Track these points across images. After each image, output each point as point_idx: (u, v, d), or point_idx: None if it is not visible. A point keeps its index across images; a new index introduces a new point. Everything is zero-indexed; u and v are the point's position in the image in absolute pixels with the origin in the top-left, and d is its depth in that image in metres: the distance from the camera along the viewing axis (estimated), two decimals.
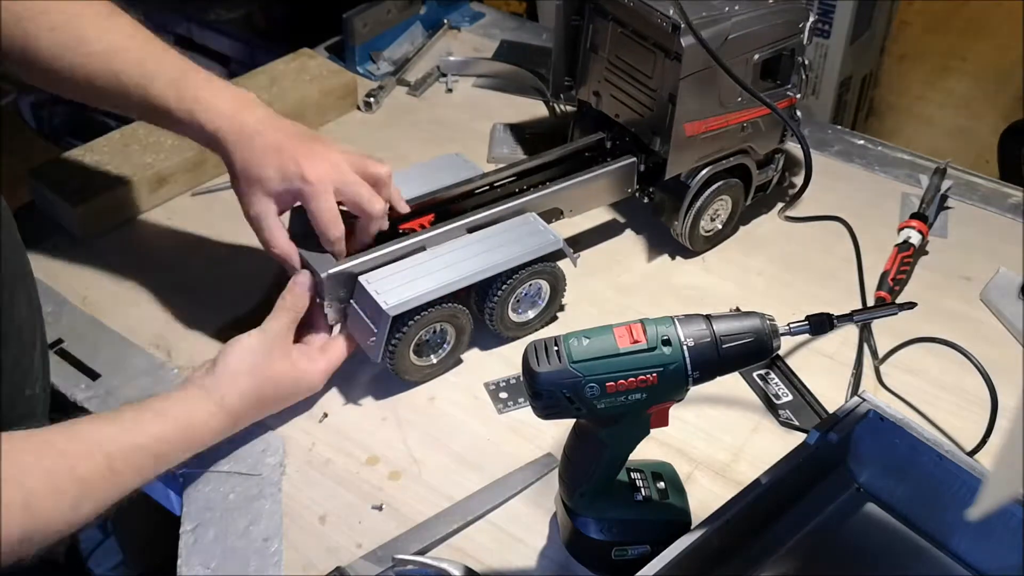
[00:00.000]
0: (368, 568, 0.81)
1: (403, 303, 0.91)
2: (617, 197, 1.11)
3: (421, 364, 0.97)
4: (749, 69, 1.03)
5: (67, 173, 1.14)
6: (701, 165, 1.07)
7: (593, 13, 1.09)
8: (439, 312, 0.94)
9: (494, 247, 0.97)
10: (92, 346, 1.00)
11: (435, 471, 0.90)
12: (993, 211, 1.21)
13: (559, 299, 1.03)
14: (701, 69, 1.00)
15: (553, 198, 1.04)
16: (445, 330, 0.97)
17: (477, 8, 1.56)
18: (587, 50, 1.12)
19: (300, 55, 1.37)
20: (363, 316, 0.93)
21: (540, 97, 1.37)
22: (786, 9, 1.04)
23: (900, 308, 0.82)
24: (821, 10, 1.87)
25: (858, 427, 0.82)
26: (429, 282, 0.93)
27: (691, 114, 1.02)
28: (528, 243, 0.98)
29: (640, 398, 0.72)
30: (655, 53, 1.02)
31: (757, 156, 1.11)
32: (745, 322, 0.73)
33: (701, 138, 1.04)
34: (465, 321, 0.97)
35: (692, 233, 1.10)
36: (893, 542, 0.82)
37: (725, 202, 1.11)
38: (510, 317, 1.00)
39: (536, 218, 1.02)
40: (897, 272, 1.07)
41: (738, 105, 1.05)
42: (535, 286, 1.01)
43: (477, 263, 0.96)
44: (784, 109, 1.08)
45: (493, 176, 1.07)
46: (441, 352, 0.98)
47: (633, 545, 0.80)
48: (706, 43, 0.97)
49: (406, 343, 0.93)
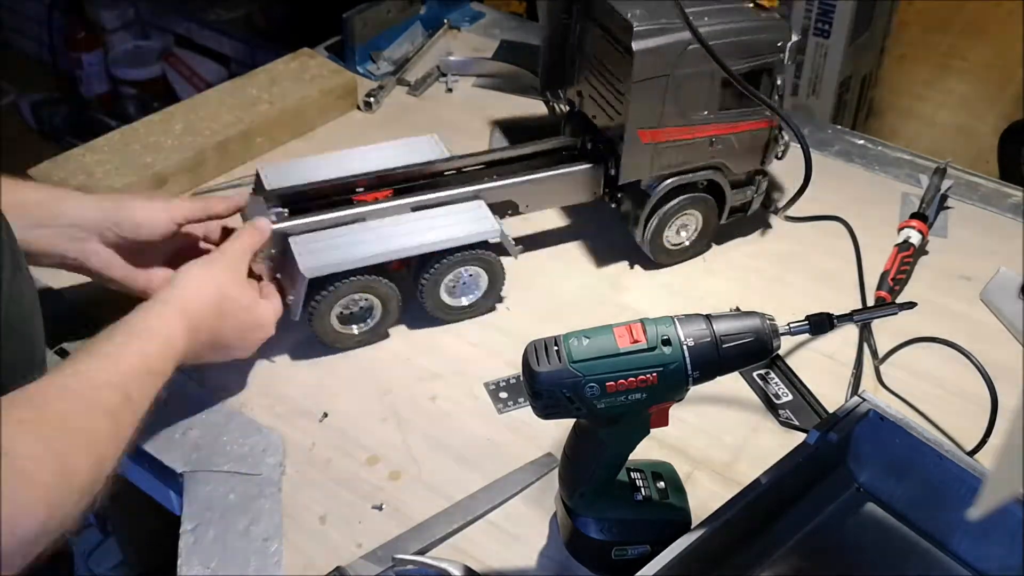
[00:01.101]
0: (368, 568, 0.81)
1: (321, 267, 0.95)
2: (582, 199, 1.11)
3: (342, 332, 1.00)
4: (716, 83, 1.01)
5: (67, 173, 1.14)
6: (666, 176, 1.06)
7: (579, 12, 1.09)
8: (360, 282, 0.96)
9: (430, 228, 1.00)
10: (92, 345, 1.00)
11: (435, 471, 0.90)
12: (993, 211, 1.21)
13: (497, 290, 1.05)
14: (658, 75, 0.98)
15: (507, 191, 1.06)
16: (371, 303, 0.99)
17: (477, 8, 1.56)
18: (574, 49, 1.11)
19: (300, 55, 1.37)
20: (288, 274, 0.97)
21: (540, 97, 1.36)
22: (767, 26, 1.01)
23: (900, 308, 0.82)
24: (821, 10, 1.87)
25: (858, 427, 0.82)
26: (354, 251, 0.97)
27: (645, 120, 1.01)
28: (465, 228, 1.00)
29: (640, 398, 0.72)
30: (623, 55, 1.00)
31: (732, 175, 1.09)
32: (745, 322, 0.73)
33: (661, 147, 1.03)
34: (390, 295, 0.99)
35: (654, 244, 1.09)
36: (893, 542, 0.82)
37: (694, 217, 1.09)
38: (442, 299, 1.02)
39: (482, 206, 1.03)
40: (897, 272, 1.07)
41: (704, 119, 1.03)
42: (473, 273, 1.02)
43: (407, 240, 0.99)
44: (763, 130, 1.06)
45: (460, 161, 1.08)
46: (364, 325, 1.00)
47: (633, 545, 0.80)
48: (706, 42, 0.96)
49: (326, 306, 0.96)
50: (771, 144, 1.08)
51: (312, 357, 1.01)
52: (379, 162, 1.07)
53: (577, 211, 1.16)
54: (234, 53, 2.43)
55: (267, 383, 0.98)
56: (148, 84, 2.62)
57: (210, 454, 0.90)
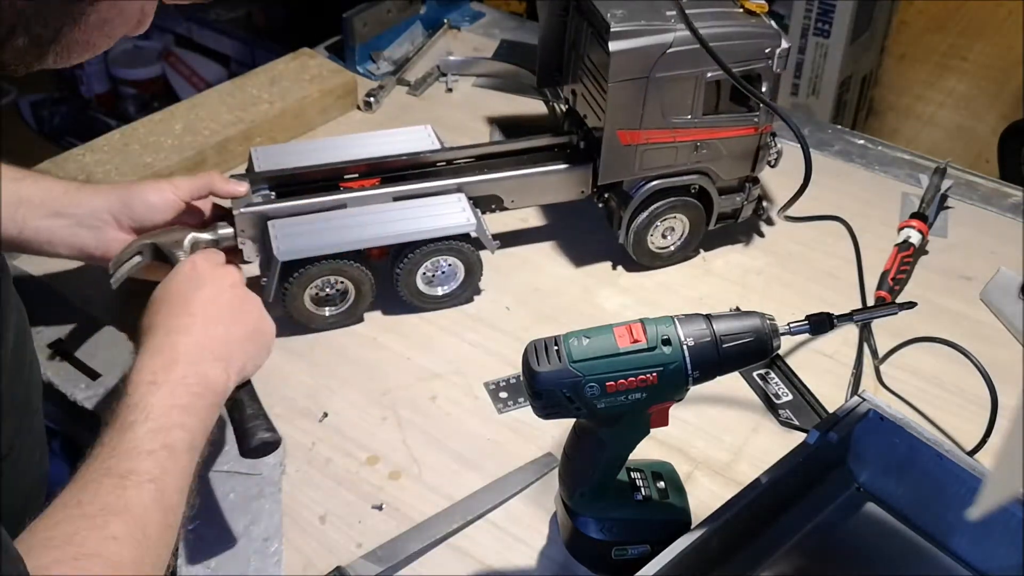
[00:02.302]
0: (368, 568, 0.81)
1: (295, 251, 0.96)
2: (569, 197, 1.11)
3: (315, 313, 1.02)
4: (700, 88, 1.00)
5: (67, 173, 1.14)
6: (649, 178, 1.06)
7: (574, 10, 1.09)
8: (333, 266, 0.98)
9: (408, 218, 1.02)
10: (92, 346, 1.00)
11: (435, 471, 0.90)
12: (993, 211, 1.21)
13: (474, 282, 1.06)
14: (636, 77, 0.98)
15: (491, 185, 1.06)
16: (346, 287, 1.01)
17: (477, 8, 1.56)
18: (569, 46, 1.11)
19: (300, 55, 1.37)
20: (265, 256, 0.99)
21: (540, 96, 1.37)
22: (756, 32, 1.00)
23: (900, 308, 0.82)
24: (821, 10, 1.87)
25: (858, 427, 0.82)
26: (329, 237, 0.98)
27: (625, 121, 1.01)
28: (442, 220, 1.01)
29: (640, 398, 0.72)
30: (605, 55, 0.99)
31: (721, 181, 1.08)
32: (745, 322, 0.73)
33: (641, 149, 1.03)
34: (364, 281, 1.00)
35: (637, 246, 1.09)
36: (893, 542, 0.82)
37: (679, 221, 1.09)
38: (417, 287, 1.03)
39: (463, 199, 1.04)
40: (897, 272, 1.07)
41: (687, 122, 1.02)
42: (450, 264, 1.03)
43: (384, 229, 1.00)
44: (751, 137, 1.05)
45: (450, 153, 1.09)
46: (337, 308, 1.02)
47: (633, 545, 0.80)
48: (701, 40, 0.96)
49: (299, 288, 0.98)
50: (761, 151, 1.07)
51: (312, 357, 1.01)
52: (371, 150, 1.08)
53: (578, 210, 1.16)
54: (234, 53, 2.43)
55: (267, 383, 0.98)
56: (148, 84, 2.62)
57: (211, 454, 0.89)
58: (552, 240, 1.15)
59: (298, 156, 1.07)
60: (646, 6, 0.98)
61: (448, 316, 1.05)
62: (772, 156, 1.09)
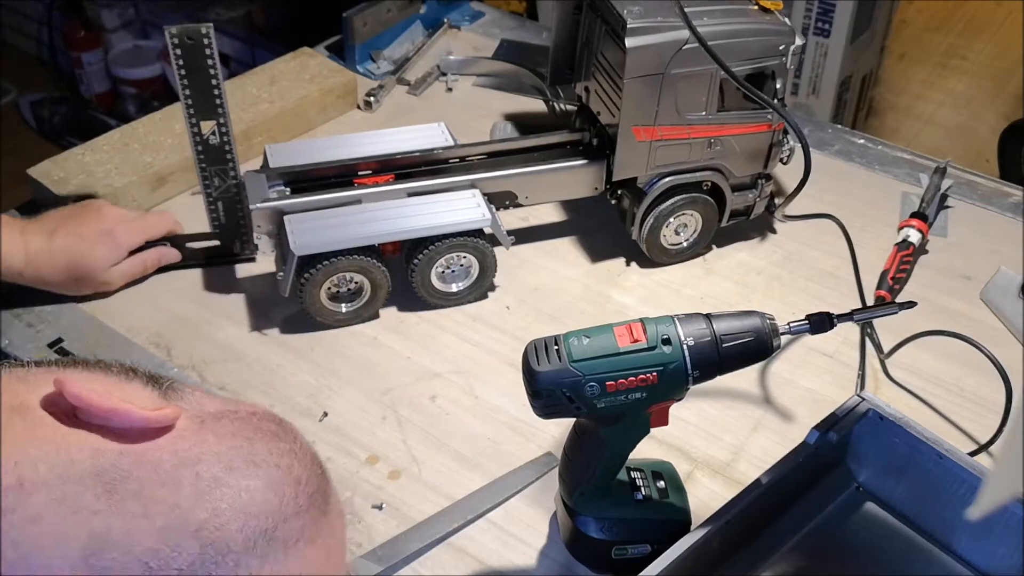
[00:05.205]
0: (368, 568, 0.81)
1: (311, 246, 0.97)
2: (583, 194, 1.11)
3: (332, 309, 1.02)
4: (714, 84, 1.00)
5: (67, 173, 1.14)
6: (664, 175, 1.06)
7: (588, 8, 1.09)
8: (349, 262, 0.98)
9: (423, 213, 1.02)
10: (92, 345, 1.00)
11: (435, 471, 0.90)
12: (993, 211, 1.21)
13: (488, 278, 1.06)
14: (651, 73, 0.98)
15: (505, 181, 1.07)
16: (361, 283, 1.01)
17: (477, 7, 1.56)
18: (582, 44, 1.11)
19: (300, 54, 1.37)
20: (281, 251, 1.00)
21: (540, 96, 1.37)
22: (770, 29, 1.01)
23: (900, 307, 0.82)
24: (821, 9, 1.87)
25: (858, 426, 0.82)
26: (345, 232, 0.99)
27: (640, 117, 1.01)
28: (456, 216, 1.02)
29: (640, 397, 0.72)
30: (620, 51, 0.99)
31: (734, 178, 1.08)
32: (745, 321, 0.73)
33: (656, 145, 1.03)
34: (379, 277, 1.01)
35: (651, 243, 1.09)
36: (893, 541, 0.82)
37: (692, 218, 1.09)
38: (433, 283, 1.04)
39: (477, 195, 1.04)
40: (897, 271, 1.07)
41: (701, 119, 1.02)
42: (465, 260, 1.03)
43: (399, 224, 1.01)
44: (764, 134, 1.05)
45: (463, 150, 1.10)
46: (352, 304, 1.02)
47: (633, 544, 0.80)
48: (705, 40, 0.96)
49: (315, 284, 0.98)
50: (774, 148, 1.08)
51: (312, 357, 1.01)
52: (384, 147, 1.09)
53: (579, 209, 1.16)
54: (234, 53, 2.43)
55: (267, 383, 0.98)
56: (148, 84, 2.62)
57: None
58: (552, 240, 1.15)
59: (312, 153, 1.08)
60: (661, 4, 0.98)
61: (448, 316, 1.06)
62: (784, 153, 1.09)
